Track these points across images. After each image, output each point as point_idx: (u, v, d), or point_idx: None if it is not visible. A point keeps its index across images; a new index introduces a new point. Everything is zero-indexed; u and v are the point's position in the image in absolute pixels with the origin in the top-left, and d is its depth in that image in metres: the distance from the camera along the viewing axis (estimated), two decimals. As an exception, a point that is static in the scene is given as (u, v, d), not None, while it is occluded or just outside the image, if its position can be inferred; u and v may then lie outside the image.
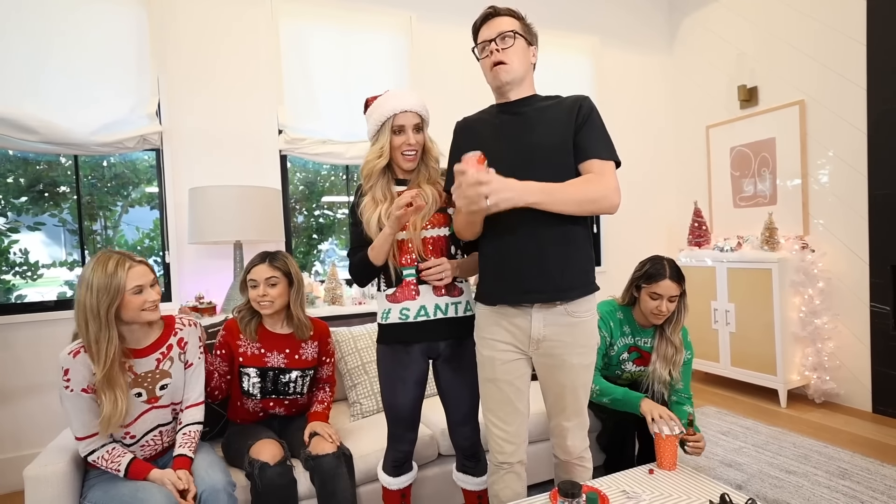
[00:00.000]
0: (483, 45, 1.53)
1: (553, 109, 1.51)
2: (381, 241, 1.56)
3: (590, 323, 1.53)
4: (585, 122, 1.48)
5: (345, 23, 3.40)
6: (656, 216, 4.60)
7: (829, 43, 3.41)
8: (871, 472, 2.44)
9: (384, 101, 1.64)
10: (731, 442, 2.84)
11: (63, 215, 2.94)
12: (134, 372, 1.58)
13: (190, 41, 3.04)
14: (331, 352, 2.04)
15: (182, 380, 1.71)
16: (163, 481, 1.52)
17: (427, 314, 1.65)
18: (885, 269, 3.15)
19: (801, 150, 3.59)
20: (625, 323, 2.12)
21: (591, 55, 4.26)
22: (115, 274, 1.48)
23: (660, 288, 1.98)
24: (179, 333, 1.71)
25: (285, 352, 1.91)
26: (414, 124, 1.64)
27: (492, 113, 1.60)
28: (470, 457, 1.81)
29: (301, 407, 2.02)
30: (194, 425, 1.71)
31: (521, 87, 1.55)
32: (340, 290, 3.09)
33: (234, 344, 1.89)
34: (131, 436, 1.61)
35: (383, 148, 1.63)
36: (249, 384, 1.88)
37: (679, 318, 2.05)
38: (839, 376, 3.39)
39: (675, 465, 1.69)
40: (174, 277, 3.01)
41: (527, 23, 1.56)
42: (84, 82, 2.75)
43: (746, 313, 3.58)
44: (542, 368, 1.56)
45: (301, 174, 3.67)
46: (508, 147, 1.50)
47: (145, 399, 1.61)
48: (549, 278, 1.46)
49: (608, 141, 1.50)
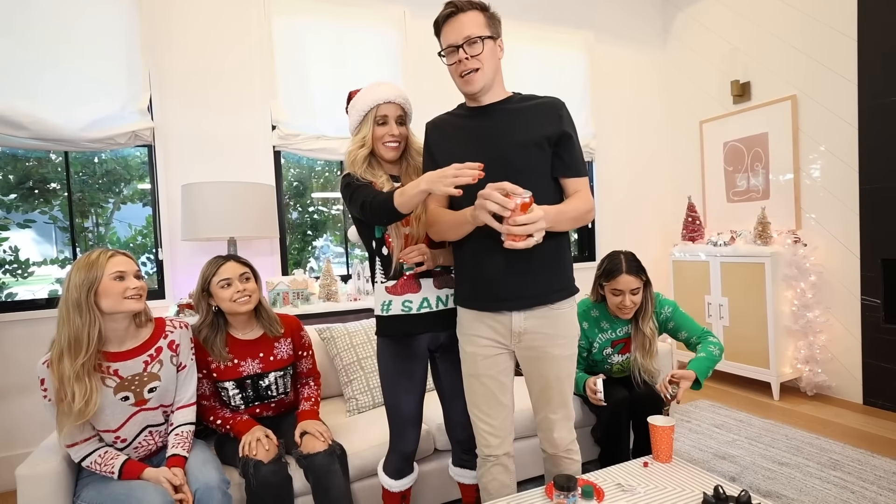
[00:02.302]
0: (450, 51, 1.48)
1: (527, 114, 1.49)
2: (415, 193, 1.37)
3: (570, 314, 1.55)
4: (565, 135, 1.47)
5: (338, 17, 3.38)
6: (650, 211, 4.61)
7: (820, 38, 3.43)
8: (862, 462, 2.47)
9: (367, 92, 1.62)
10: (724, 434, 2.87)
11: (53, 212, 2.91)
12: (119, 375, 1.55)
13: (182, 36, 3.01)
14: (306, 345, 2.01)
15: (173, 383, 1.69)
16: (158, 479, 1.51)
17: (430, 306, 1.64)
18: (875, 262, 3.18)
19: (793, 145, 3.62)
20: (601, 319, 2.17)
21: (586, 50, 4.26)
22: (96, 261, 1.48)
23: (619, 283, 2.03)
24: (170, 336, 1.68)
25: (259, 356, 1.87)
26: (397, 115, 1.62)
27: (462, 115, 1.58)
28: (467, 450, 1.81)
29: (289, 405, 2.01)
30: (186, 426, 1.69)
31: (493, 89, 1.53)
32: (335, 286, 3.09)
33: (206, 360, 1.83)
34: (122, 440, 1.59)
35: (365, 138, 1.61)
36: (229, 397, 1.86)
37: (647, 308, 2.11)
38: (831, 369, 3.43)
39: (670, 458, 1.70)
40: (167, 275, 2.99)
41: (490, 13, 1.49)
42: (74, 78, 2.72)
43: (740, 307, 3.60)
44: (525, 362, 1.57)
45: (295, 170, 3.66)
46: (480, 150, 1.48)
47: (133, 402, 1.58)
48: (526, 286, 1.47)
49: (581, 155, 1.54)
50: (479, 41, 1.44)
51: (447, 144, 1.56)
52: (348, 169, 1.64)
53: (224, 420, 1.82)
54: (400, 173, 1.70)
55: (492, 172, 1.43)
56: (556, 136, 1.46)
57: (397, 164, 1.70)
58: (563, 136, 1.47)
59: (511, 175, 1.42)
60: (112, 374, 1.54)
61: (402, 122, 1.65)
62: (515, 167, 1.44)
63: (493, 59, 1.49)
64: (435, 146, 1.59)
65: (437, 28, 1.52)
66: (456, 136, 1.55)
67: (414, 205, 1.41)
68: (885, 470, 2.38)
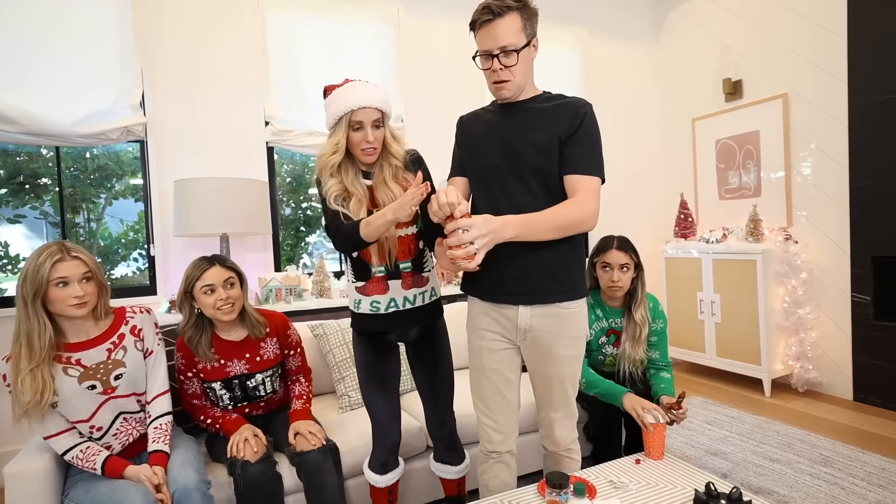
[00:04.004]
0: (484, 57, 1.44)
1: (551, 113, 1.46)
2: (381, 224, 1.44)
3: (577, 315, 1.53)
4: (578, 133, 1.42)
5: (332, 13, 3.36)
6: (643, 208, 4.63)
7: (811, 37, 3.45)
8: (852, 458, 2.49)
9: (342, 94, 1.55)
10: (716, 431, 2.89)
11: (44, 208, 2.89)
12: (82, 365, 1.55)
13: (175, 31, 2.99)
14: (293, 343, 1.97)
15: (141, 369, 1.67)
16: (139, 477, 1.51)
17: (397, 306, 1.66)
18: (865, 259, 3.20)
19: (784, 143, 3.63)
20: (596, 307, 2.18)
21: (579, 47, 4.26)
22: (42, 265, 1.46)
23: (608, 257, 2.08)
24: (132, 321, 1.67)
25: (245, 357, 1.85)
26: (373, 120, 1.55)
27: (491, 110, 1.59)
28: (448, 446, 1.83)
29: (279, 402, 2.00)
30: (163, 417, 1.69)
31: (524, 91, 1.51)
32: (328, 282, 3.08)
33: (194, 360, 1.82)
34: (97, 428, 1.59)
35: (338, 144, 1.56)
36: (217, 397, 1.85)
37: (638, 296, 2.12)
38: (821, 365, 3.45)
39: (662, 455, 1.71)
40: (159, 270, 2.97)
41: (527, 11, 1.41)
42: (66, 72, 2.69)
43: (731, 304, 3.62)
44: (530, 359, 1.57)
45: (288, 166, 3.64)
46: (499, 147, 1.49)
47: (101, 391, 1.58)
48: (534, 282, 1.47)
49: (596, 156, 1.45)
50: (514, 51, 1.39)
51: (471, 140, 1.58)
52: (317, 174, 1.62)
53: (214, 419, 1.82)
54: (373, 171, 1.66)
55: (508, 170, 1.44)
56: (568, 135, 1.43)
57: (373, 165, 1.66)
58: (574, 135, 1.42)
59: (525, 173, 1.44)
60: (74, 363, 1.54)
61: (379, 125, 1.58)
62: (529, 166, 1.45)
63: (526, 70, 1.46)
64: (461, 141, 1.62)
65: (472, 28, 1.46)
66: (479, 133, 1.56)
67: (380, 234, 1.48)
68: (875, 466, 2.41)
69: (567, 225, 1.39)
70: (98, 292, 1.57)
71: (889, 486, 2.22)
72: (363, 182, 1.63)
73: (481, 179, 1.54)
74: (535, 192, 1.45)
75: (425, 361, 1.77)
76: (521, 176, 1.45)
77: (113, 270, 3.10)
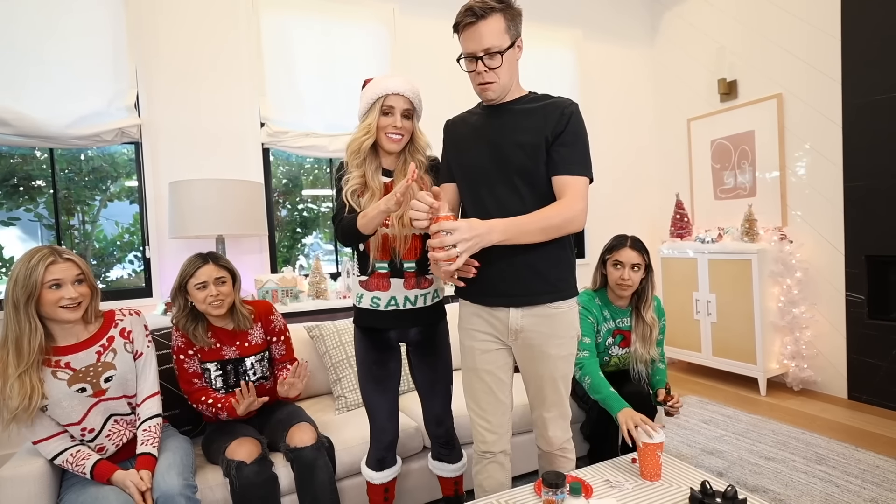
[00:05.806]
0: (468, 59, 1.43)
1: (537, 114, 1.46)
2: (375, 215, 1.47)
3: (568, 315, 1.53)
4: (564, 133, 1.42)
5: (327, 14, 3.36)
6: (639, 208, 4.64)
7: (805, 38, 3.46)
8: (847, 456, 2.50)
9: (379, 80, 1.62)
10: (712, 430, 2.89)
11: (39, 210, 2.87)
12: (72, 368, 1.55)
13: (169, 32, 2.98)
14: (276, 330, 2.00)
15: (131, 371, 1.67)
16: (125, 483, 1.50)
17: (397, 304, 1.67)
18: (859, 258, 3.22)
19: (779, 143, 3.65)
20: (603, 307, 2.19)
21: (574, 48, 4.27)
22: (35, 267, 1.45)
23: (621, 255, 2.10)
24: (121, 324, 1.68)
25: (236, 343, 1.92)
26: (403, 108, 1.61)
27: (477, 113, 1.59)
28: (445, 444, 1.84)
29: (270, 392, 1.99)
30: (153, 419, 1.69)
31: (509, 92, 1.51)
32: (325, 283, 3.07)
33: (192, 342, 1.87)
34: (89, 430, 1.59)
35: (370, 125, 1.61)
36: (212, 378, 1.89)
37: (647, 294, 2.15)
38: (816, 364, 3.47)
39: (658, 476, 1.58)
40: (155, 273, 2.96)
41: (510, 12, 1.41)
42: (60, 74, 2.68)
43: (727, 304, 3.64)
44: (522, 360, 1.57)
45: (284, 167, 3.63)
46: (486, 149, 1.49)
47: (91, 393, 1.57)
48: (524, 284, 1.47)
49: (584, 156, 1.45)
50: (498, 52, 1.39)
51: (458, 144, 1.58)
52: (346, 156, 1.66)
53: (216, 399, 1.83)
54: (395, 168, 1.68)
55: (495, 172, 1.44)
56: (555, 135, 1.42)
57: (397, 157, 1.69)
58: (560, 135, 1.42)
59: (512, 175, 1.44)
60: (64, 366, 1.54)
61: (408, 116, 1.63)
62: (515, 167, 1.44)
63: (511, 71, 1.46)
64: (449, 145, 1.62)
65: (456, 30, 1.45)
66: (466, 136, 1.56)
67: (374, 226, 1.49)
68: (869, 464, 2.42)
69: (554, 227, 1.39)
70: (90, 294, 1.57)
71: (883, 483, 2.23)
72: (382, 179, 1.65)
73: (469, 182, 1.55)
74: (522, 193, 1.45)
75: (425, 362, 1.78)
76: (509, 178, 1.45)
77: (108, 273, 3.09)
